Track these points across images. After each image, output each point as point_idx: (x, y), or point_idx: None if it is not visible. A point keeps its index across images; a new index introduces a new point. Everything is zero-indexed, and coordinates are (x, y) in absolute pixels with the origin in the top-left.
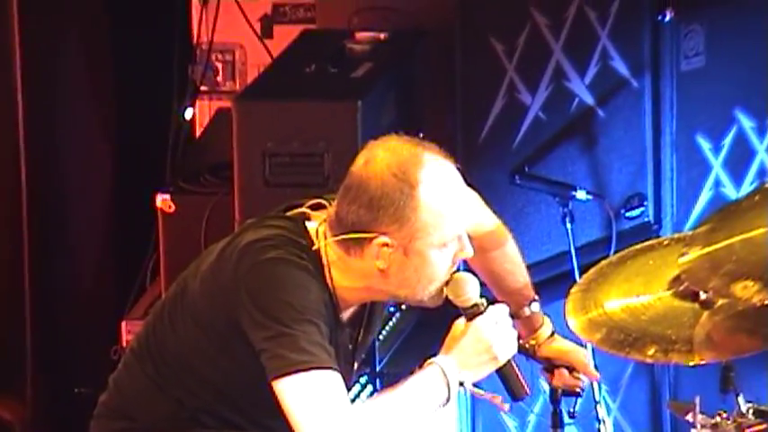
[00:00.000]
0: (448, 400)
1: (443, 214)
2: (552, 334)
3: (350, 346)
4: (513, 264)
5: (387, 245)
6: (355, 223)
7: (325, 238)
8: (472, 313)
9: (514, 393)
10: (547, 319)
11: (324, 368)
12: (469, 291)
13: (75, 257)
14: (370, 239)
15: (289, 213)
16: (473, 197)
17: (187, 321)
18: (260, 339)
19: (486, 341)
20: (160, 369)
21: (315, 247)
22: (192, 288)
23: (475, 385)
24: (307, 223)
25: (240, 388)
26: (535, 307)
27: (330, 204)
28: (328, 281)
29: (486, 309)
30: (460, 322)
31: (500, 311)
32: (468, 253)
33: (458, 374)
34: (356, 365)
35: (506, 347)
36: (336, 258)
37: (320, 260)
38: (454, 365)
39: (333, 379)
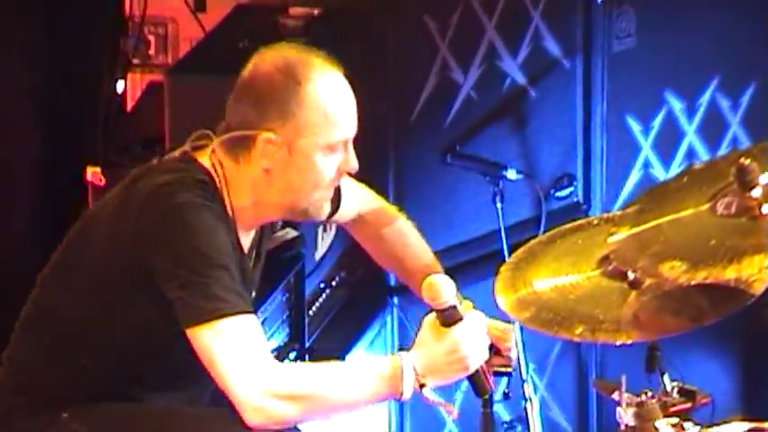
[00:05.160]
0: (401, 396)
1: (329, 115)
2: None
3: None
4: (410, 240)
5: (271, 141)
6: (241, 123)
7: (221, 164)
8: (449, 316)
9: (480, 391)
10: (466, 301)
11: (239, 313)
12: (446, 293)
13: (1, 231)
14: (255, 137)
15: (172, 156)
16: (356, 184)
17: (84, 280)
18: (172, 289)
19: (461, 353)
20: (57, 336)
21: (208, 165)
22: (88, 245)
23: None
24: (199, 159)
25: (147, 346)
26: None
27: (214, 135)
28: (228, 208)
29: (462, 316)
30: (431, 319)
31: (478, 320)
32: (354, 166)
33: (420, 376)
34: (253, 294)
35: (480, 358)
36: (228, 175)
37: (219, 190)
38: (419, 366)
39: (249, 323)
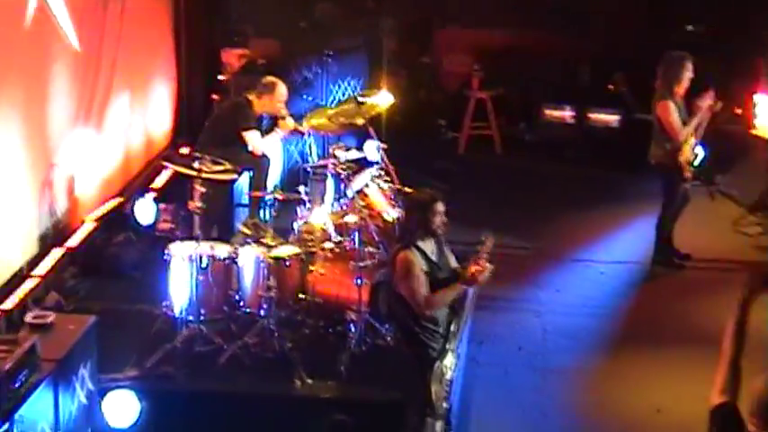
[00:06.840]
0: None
1: (280, 95)
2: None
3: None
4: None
5: (262, 97)
6: (257, 90)
7: (253, 98)
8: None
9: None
10: (296, 123)
11: (253, 128)
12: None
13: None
14: (262, 94)
15: (240, 95)
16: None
17: (215, 128)
18: (241, 122)
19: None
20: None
21: (250, 98)
22: (215, 118)
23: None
24: (247, 96)
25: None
26: (290, 119)
27: (253, 90)
28: (253, 109)
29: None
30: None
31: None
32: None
33: (279, 136)
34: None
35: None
36: (252, 100)
37: (251, 104)
38: (280, 135)
39: (257, 133)
